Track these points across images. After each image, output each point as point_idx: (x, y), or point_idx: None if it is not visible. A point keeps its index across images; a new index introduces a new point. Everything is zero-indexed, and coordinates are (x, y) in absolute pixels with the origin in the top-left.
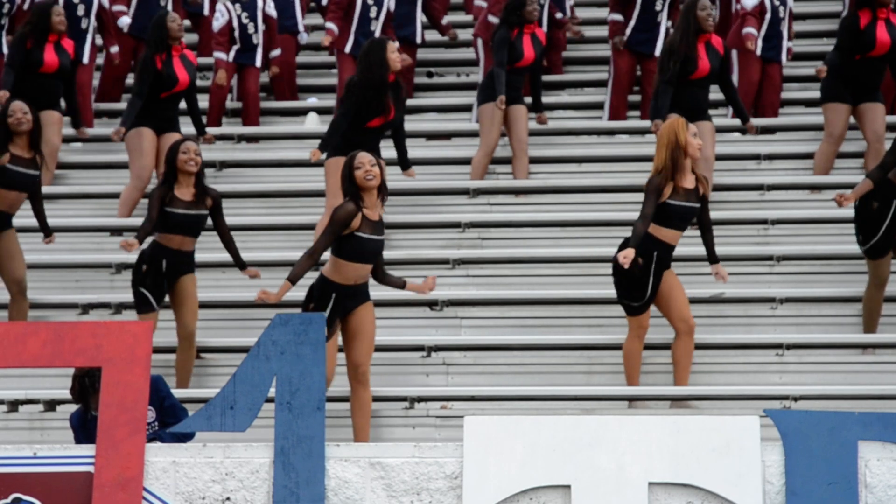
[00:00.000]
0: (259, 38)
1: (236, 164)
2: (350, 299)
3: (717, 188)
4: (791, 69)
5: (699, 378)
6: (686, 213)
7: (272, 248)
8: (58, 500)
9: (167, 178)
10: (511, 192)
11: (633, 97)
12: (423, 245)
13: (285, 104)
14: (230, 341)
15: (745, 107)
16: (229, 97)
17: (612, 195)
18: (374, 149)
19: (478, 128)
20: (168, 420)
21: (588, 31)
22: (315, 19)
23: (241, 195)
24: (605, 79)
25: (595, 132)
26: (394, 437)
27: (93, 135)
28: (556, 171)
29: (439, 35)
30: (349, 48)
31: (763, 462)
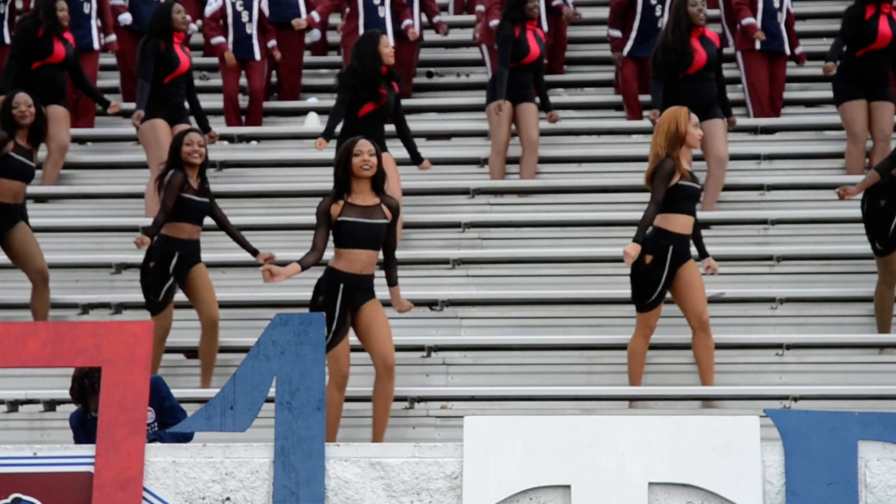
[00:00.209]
0: (254, 28)
1: (236, 164)
2: (358, 291)
3: None
4: (791, 69)
5: (699, 378)
6: (695, 193)
7: (272, 249)
8: (58, 500)
9: (174, 168)
10: (511, 192)
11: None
12: (423, 245)
13: (285, 104)
14: (230, 341)
15: (754, 105)
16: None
17: (612, 195)
18: (377, 139)
19: (475, 128)
20: (168, 421)
21: (589, 32)
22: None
23: (241, 195)
24: (604, 79)
25: (595, 132)
26: (394, 437)
27: (93, 135)
28: (557, 171)
29: (435, 33)
30: None
31: (763, 462)
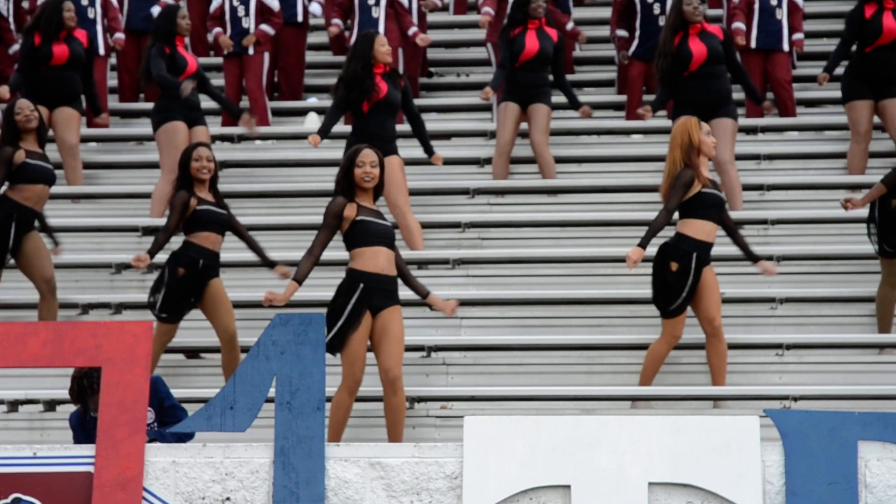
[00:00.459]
0: (251, 22)
1: (236, 164)
2: (379, 296)
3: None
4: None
5: (699, 378)
6: (717, 200)
7: (272, 248)
8: (58, 500)
9: (183, 183)
10: (511, 193)
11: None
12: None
13: (285, 104)
14: None
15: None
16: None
17: (612, 195)
18: (382, 136)
19: (475, 128)
20: (168, 420)
21: (590, 32)
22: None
23: (241, 195)
24: (604, 79)
25: (595, 132)
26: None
27: (93, 135)
28: (557, 171)
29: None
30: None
31: (763, 462)
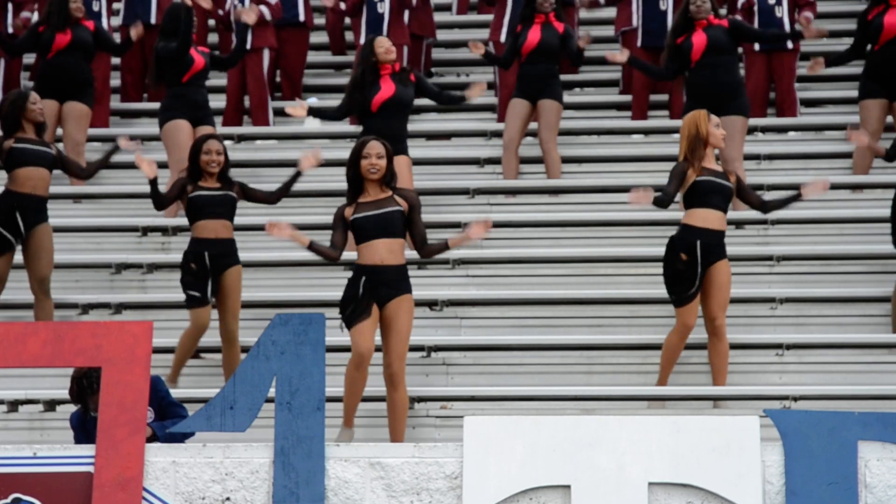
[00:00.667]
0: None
1: (237, 164)
2: (384, 287)
3: None
4: None
5: (699, 378)
6: (717, 187)
7: (272, 248)
8: (58, 500)
9: (191, 175)
10: (511, 193)
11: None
12: None
13: (286, 104)
14: None
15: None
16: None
17: (612, 195)
18: (390, 135)
19: (475, 128)
20: (169, 418)
21: (592, 32)
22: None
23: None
24: (604, 79)
25: (595, 132)
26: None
27: (93, 135)
28: None
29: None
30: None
31: (763, 462)
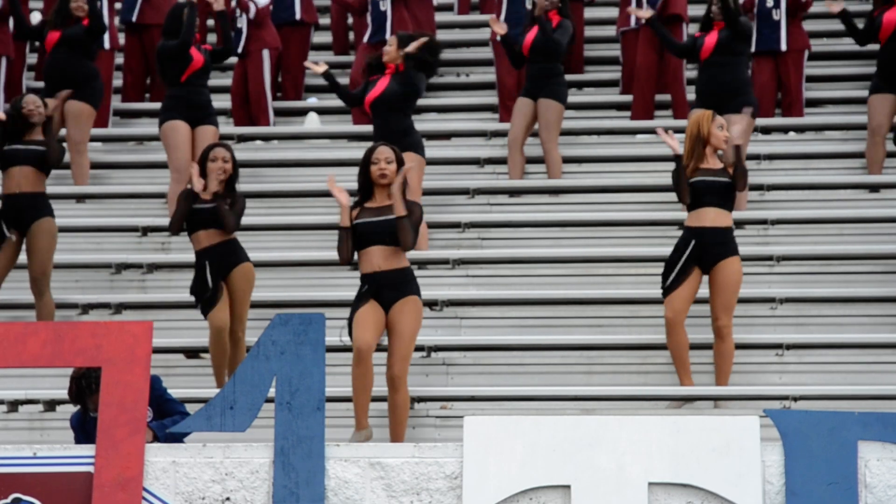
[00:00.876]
0: (244, 22)
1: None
2: (387, 290)
3: None
4: None
5: (699, 378)
6: (711, 185)
7: (272, 248)
8: (58, 500)
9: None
10: (511, 193)
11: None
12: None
13: (285, 104)
14: None
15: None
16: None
17: (612, 195)
18: (386, 135)
19: (475, 128)
20: (168, 416)
21: (588, 32)
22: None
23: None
24: (604, 79)
25: (595, 132)
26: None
27: (94, 135)
28: None
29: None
30: (366, 38)
31: (763, 462)
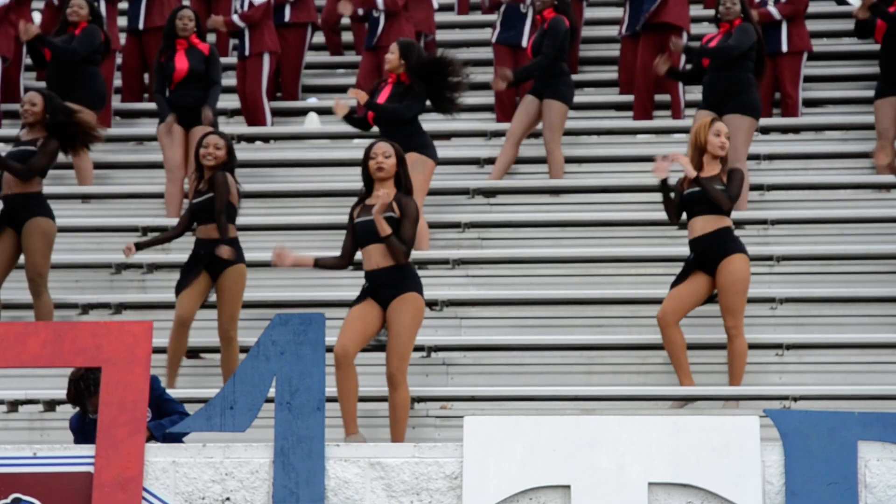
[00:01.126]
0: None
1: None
2: (385, 288)
3: None
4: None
5: (699, 378)
6: (694, 199)
7: (272, 248)
8: (58, 500)
9: (197, 175)
10: (511, 192)
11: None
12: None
13: (285, 104)
14: None
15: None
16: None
17: (612, 195)
18: (395, 136)
19: (475, 128)
20: (167, 414)
21: (588, 32)
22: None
23: (242, 195)
24: (604, 79)
25: (595, 132)
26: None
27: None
28: None
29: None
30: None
31: (763, 462)
